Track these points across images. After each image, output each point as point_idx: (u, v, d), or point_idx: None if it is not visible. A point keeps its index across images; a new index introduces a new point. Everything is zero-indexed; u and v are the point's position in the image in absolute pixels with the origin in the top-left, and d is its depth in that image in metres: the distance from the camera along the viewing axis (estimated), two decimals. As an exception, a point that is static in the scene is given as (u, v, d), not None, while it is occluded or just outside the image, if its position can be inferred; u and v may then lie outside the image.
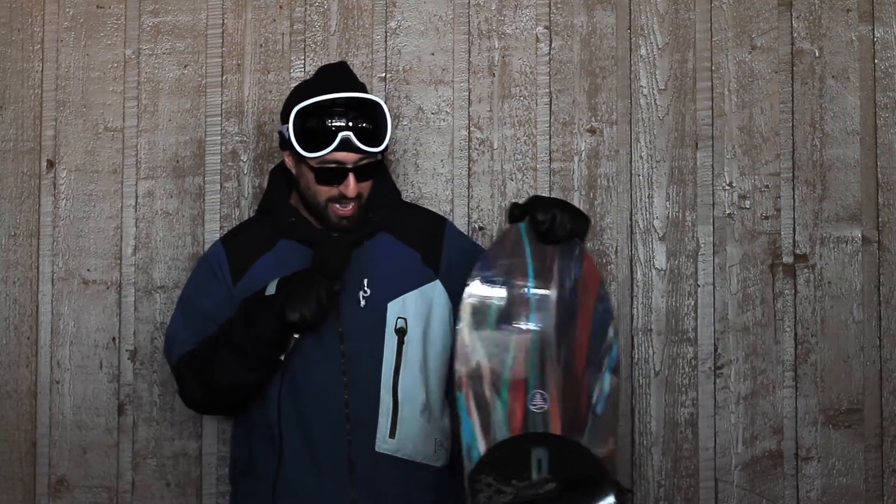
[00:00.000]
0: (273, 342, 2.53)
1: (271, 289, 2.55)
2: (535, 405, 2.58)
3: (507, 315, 2.62)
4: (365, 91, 2.68)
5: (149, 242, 3.03)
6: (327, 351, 2.60)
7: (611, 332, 2.63)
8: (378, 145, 2.61)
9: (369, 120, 2.60)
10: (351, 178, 2.61)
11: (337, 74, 2.70)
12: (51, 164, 3.05)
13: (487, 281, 2.62)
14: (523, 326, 2.62)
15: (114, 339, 3.02)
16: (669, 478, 2.97)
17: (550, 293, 2.63)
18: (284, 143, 2.67)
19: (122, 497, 3.01)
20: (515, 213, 2.66)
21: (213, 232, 3.00)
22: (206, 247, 2.97)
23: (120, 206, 3.04)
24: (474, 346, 2.60)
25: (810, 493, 2.97)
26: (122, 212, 3.04)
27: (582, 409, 2.59)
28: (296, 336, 2.53)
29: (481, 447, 2.56)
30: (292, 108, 2.60)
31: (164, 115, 3.06)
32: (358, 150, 2.59)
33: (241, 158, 3.04)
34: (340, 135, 2.56)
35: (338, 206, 2.64)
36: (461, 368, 2.59)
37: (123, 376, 3.01)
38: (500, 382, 2.59)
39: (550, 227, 2.61)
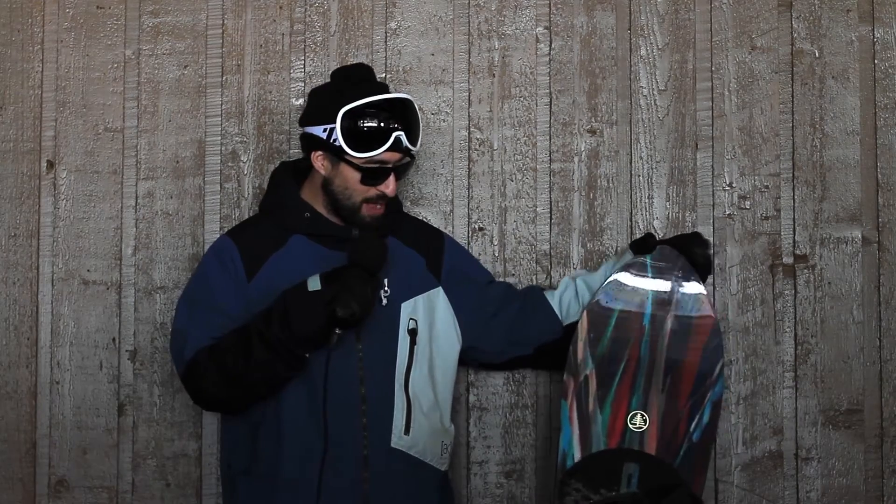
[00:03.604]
0: (316, 338, 2.54)
1: (314, 284, 2.54)
2: (634, 424, 2.66)
3: (622, 335, 2.69)
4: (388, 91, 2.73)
5: (149, 243, 3.03)
6: (344, 347, 2.61)
7: (717, 369, 2.69)
8: (416, 145, 2.67)
9: (412, 120, 2.66)
10: (392, 177, 2.66)
11: (368, 76, 2.74)
12: (51, 164, 3.05)
13: (609, 298, 2.72)
14: (635, 349, 2.69)
15: (114, 339, 3.02)
16: (669, 478, 2.98)
17: (667, 322, 2.70)
18: (314, 145, 2.68)
19: (122, 497, 3.01)
20: (648, 244, 2.74)
21: (212, 233, 3.00)
22: (207, 247, 2.96)
23: (120, 206, 3.04)
24: (586, 359, 2.68)
25: (810, 494, 2.97)
26: (122, 212, 3.04)
27: (679, 436, 2.67)
28: (338, 332, 2.54)
29: (577, 456, 2.64)
30: (334, 110, 2.62)
31: (164, 116, 3.06)
32: (404, 150, 2.64)
33: (241, 159, 3.04)
34: (395, 134, 2.61)
35: (373, 205, 2.67)
36: (570, 379, 2.68)
37: (123, 377, 3.01)
38: (605, 398, 2.67)
39: (707, 262, 2.75)
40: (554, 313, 2.79)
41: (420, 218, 2.98)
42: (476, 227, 3.02)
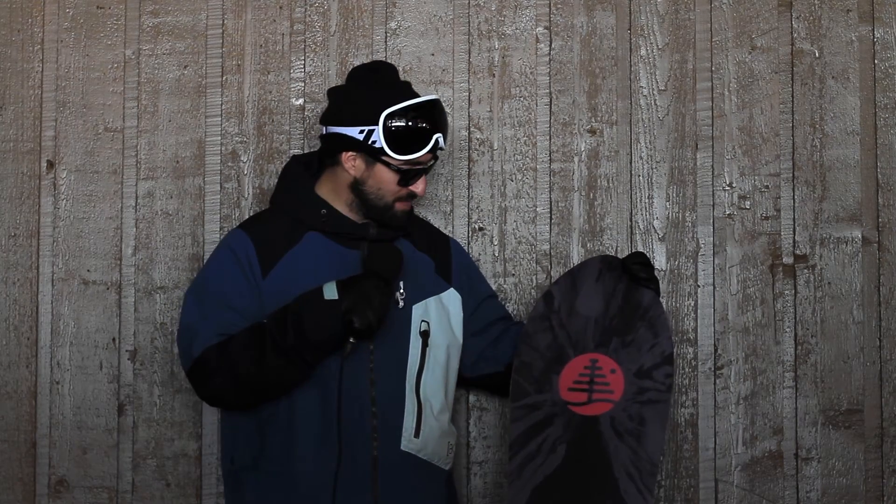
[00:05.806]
0: (330, 347, 2.54)
1: (330, 292, 2.53)
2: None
3: None
4: None
5: (149, 243, 3.03)
6: (357, 350, 2.58)
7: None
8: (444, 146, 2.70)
9: (445, 121, 2.69)
10: (423, 177, 2.68)
11: (397, 76, 2.74)
12: (51, 164, 3.05)
13: None
14: None
15: (114, 339, 3.02)
16: (670, 478, 2.97)
17: None
18: (347, 145, 2.65)
19: (122, 497, 3.01)
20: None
21: (213, 233, 3.00)
22: (207, 247, 2.97)
23: (120, 206, 3.04)
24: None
25: (810, 494, 2.97)
26: (122, 212, 3.04)
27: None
28: (351, 341, 2.53)
29: None
30: (374, 111, 2.60)
31: (164, 116, 3.06)
32: (437, 152, 2.67)
33: (241, 159, 3.04)
34: (435, 136, 2.63)
35: (404, 202, 2.69)
36: None
37: (123, 377, 3.01)
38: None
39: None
40: None
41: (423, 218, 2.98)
42: (476, 227, 3.02)
